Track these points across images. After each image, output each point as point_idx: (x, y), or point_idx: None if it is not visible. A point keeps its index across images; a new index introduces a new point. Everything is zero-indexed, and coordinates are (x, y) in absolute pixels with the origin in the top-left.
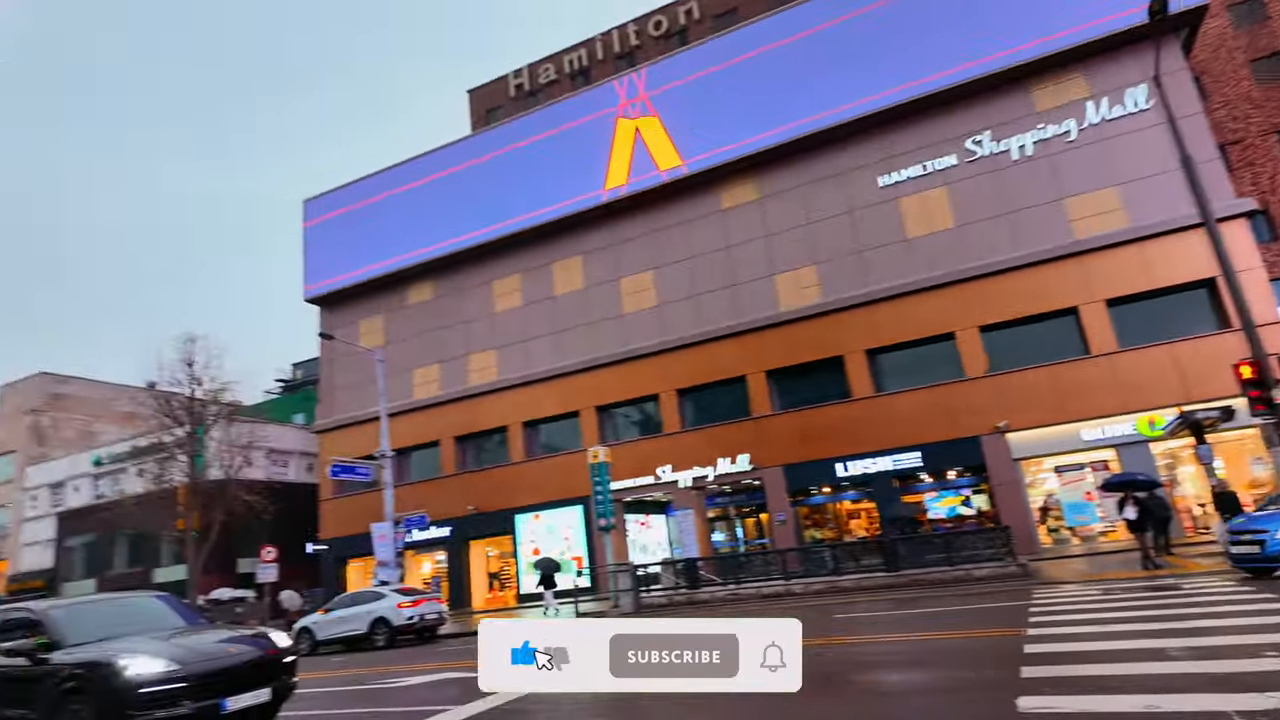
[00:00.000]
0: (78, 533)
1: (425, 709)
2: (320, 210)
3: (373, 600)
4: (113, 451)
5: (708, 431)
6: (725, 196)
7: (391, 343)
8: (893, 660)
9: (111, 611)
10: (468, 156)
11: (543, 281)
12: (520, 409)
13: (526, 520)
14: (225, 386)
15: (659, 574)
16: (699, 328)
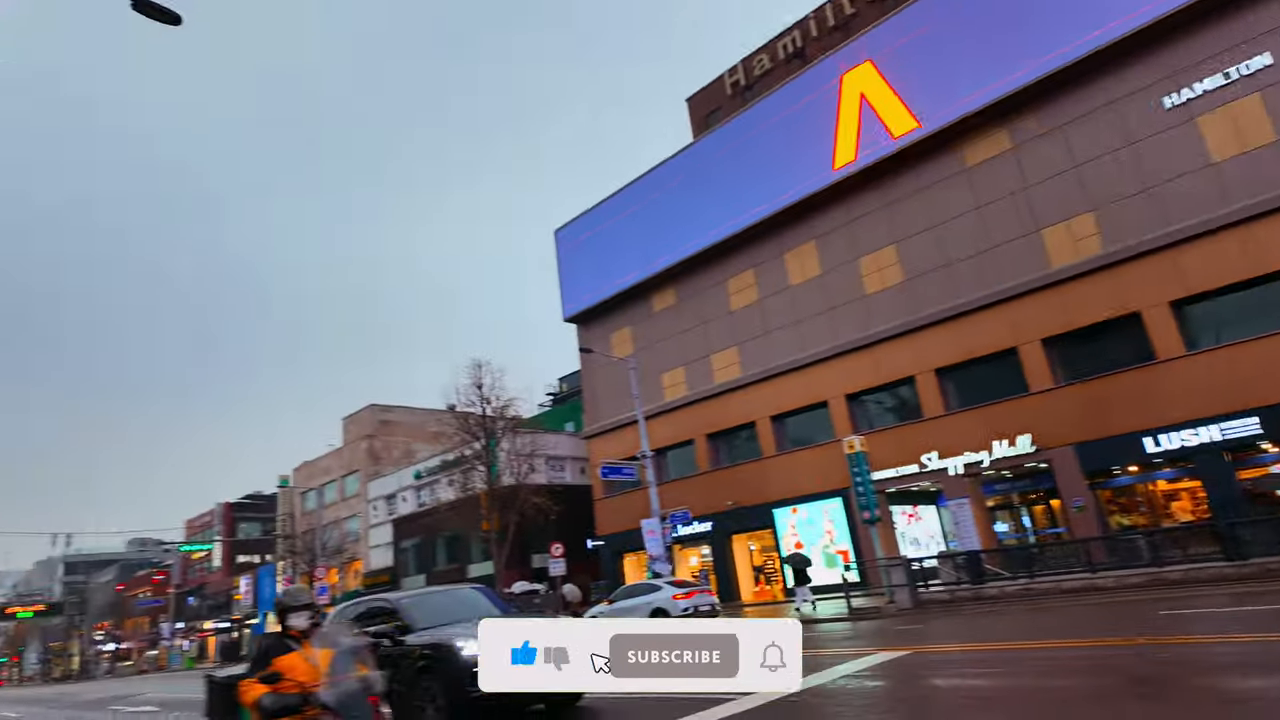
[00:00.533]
0: (408, 536)
1: (714, 695)
2: (568, 237)
3: (650, 592)
4: (428, 466)
5: (978, 412)
6: (969, 152)
7: (640, 350)
8: (1243, 664)
9: (444, 601)
10: (693, 163)
11: (777, 273)
12: (766, 403)
13: (785, 514)
14: (508, 403)
15: (936, 568)
16: (953, 300)
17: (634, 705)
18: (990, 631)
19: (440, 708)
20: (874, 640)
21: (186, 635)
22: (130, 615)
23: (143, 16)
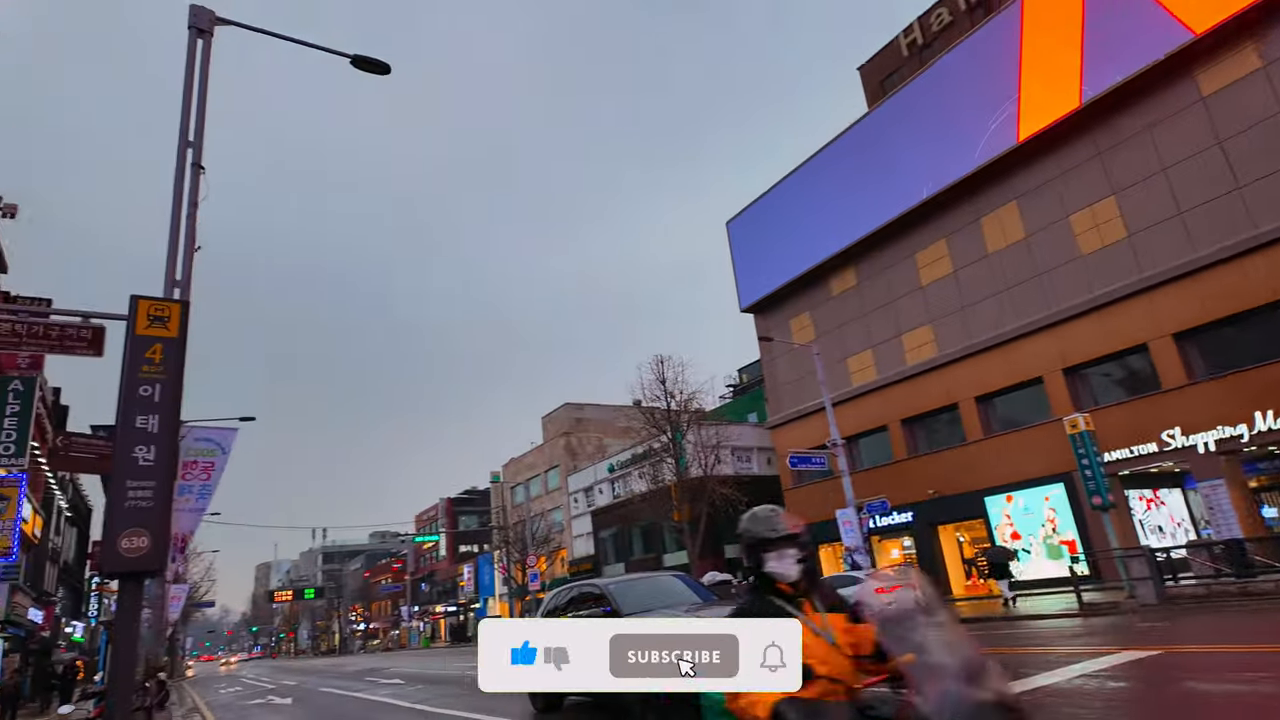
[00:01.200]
0: (606, 526)
1: None
2: (741, 227)
3: (849, 584)
4: (620, 460)
5: (1232, 379)
6: (1204, 79)
7: (822, 335)
8: None
9: (648, 587)
10: (869, 134)
11: (972, 241)
12: (968, 383)
13: (998, 502)
14: (691, 396)
15: (1186, 559)
16: (1192, 253)
17: None
18: (1260, 632)
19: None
20: (1113, 638)
21: (421, 617)
22: (375, 599)
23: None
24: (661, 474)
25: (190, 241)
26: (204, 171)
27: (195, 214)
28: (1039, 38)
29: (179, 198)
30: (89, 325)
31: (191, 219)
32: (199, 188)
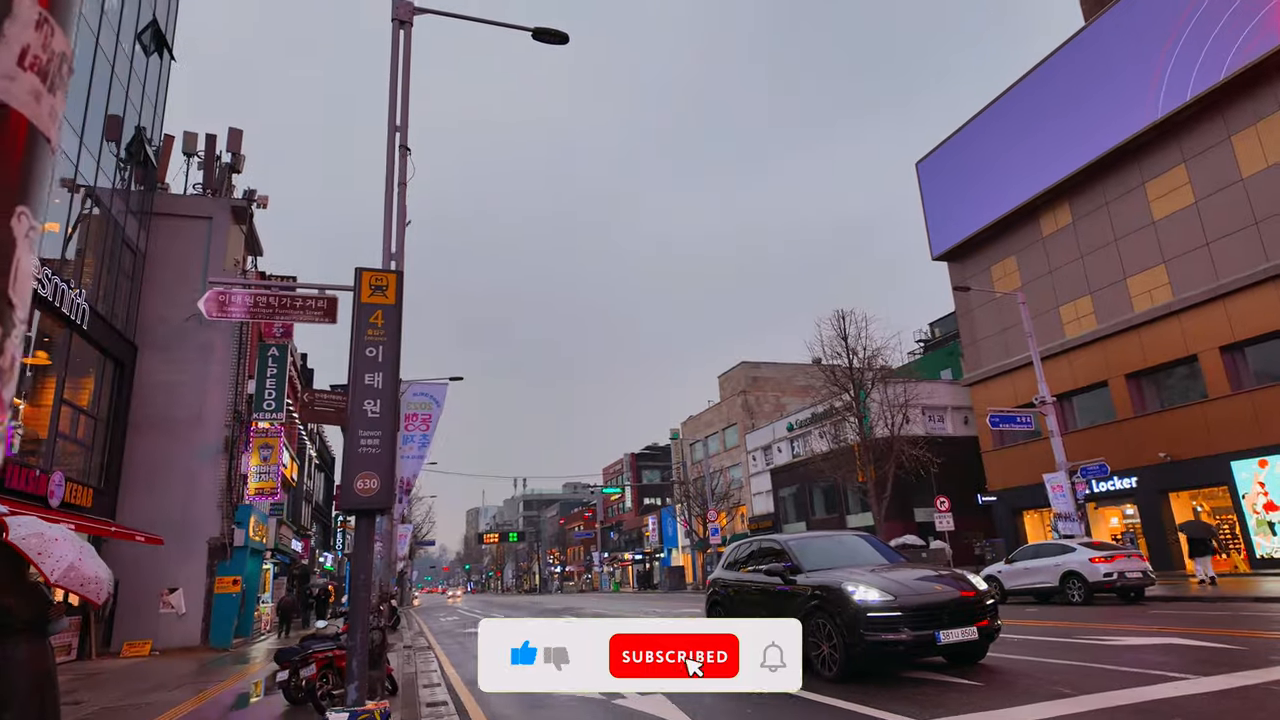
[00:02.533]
0: (785, 485)
1: (1158, 672)
2: (932, 168)
3: (1060, 554)
4: (799, 419)
5: None
6: None
7: (1028, 282)
8: None
9: (830, 546)
10: (1084, 53)
11: (1222, 161)
12: (1213, 331)
13: (1249, 466)
14: (876, 352)
15: None
16: None
17: (1056, 669)
18: None
19: (834, 647)
20: None
21: (611, 563)
22: (570, 544)
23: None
24: (844, 433)
25: (401, 217)
26: (410, 153)
27: (404, 192)
28: None
29: (390, 178)
30: (324, 296)
31: (401, 197)
32: (406, 168)
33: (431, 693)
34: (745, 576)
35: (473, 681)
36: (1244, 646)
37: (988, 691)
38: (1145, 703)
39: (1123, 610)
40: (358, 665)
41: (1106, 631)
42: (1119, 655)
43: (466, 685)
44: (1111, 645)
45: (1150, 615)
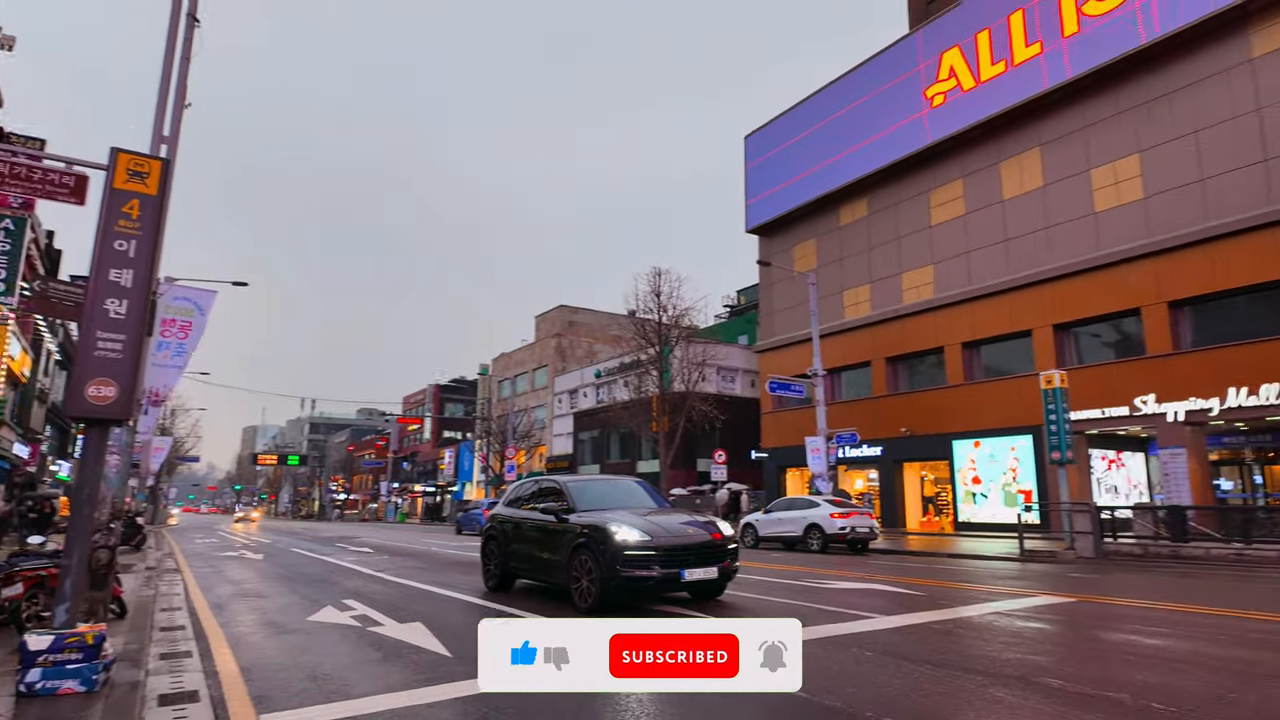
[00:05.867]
0: (586, 429)
1: (855, 612)
2: (758, 144)
3: (807, 507)
4: (608, 367)
5: (1213, 354)
6: (1258, 39)
7: (823, 265)
8: None
9: (607, 489)
10: (904, 59)
11: (989, 184)
12: (959, 328)
13: (965, 446)
14: (684, 312)
15: (1131, 520)
16: (1205, 221)
17: (778, 606)
18: (1181, 593)
19: (593, 580)
20: (1040, 583)
21: (400, 494)
22: (357, 472)
23: None
24: (646, 385)
25: (180, 97)
26: (199, 24)
27: (187, 69)
28: None
29: (171, 50)
30: (72, 172)
31: (183, 74)
32: (193, 41)
33: (170, 617)
34: (524, 513)
35: (220, 605)
36: (926, 593)
37: None
38: (838, 636)
39: (849, 559)
40: (71, 585)
41: (829, 576)
42: (832, 596)
43: (212, 610)
44: (829, 588)
45: (868, 564)
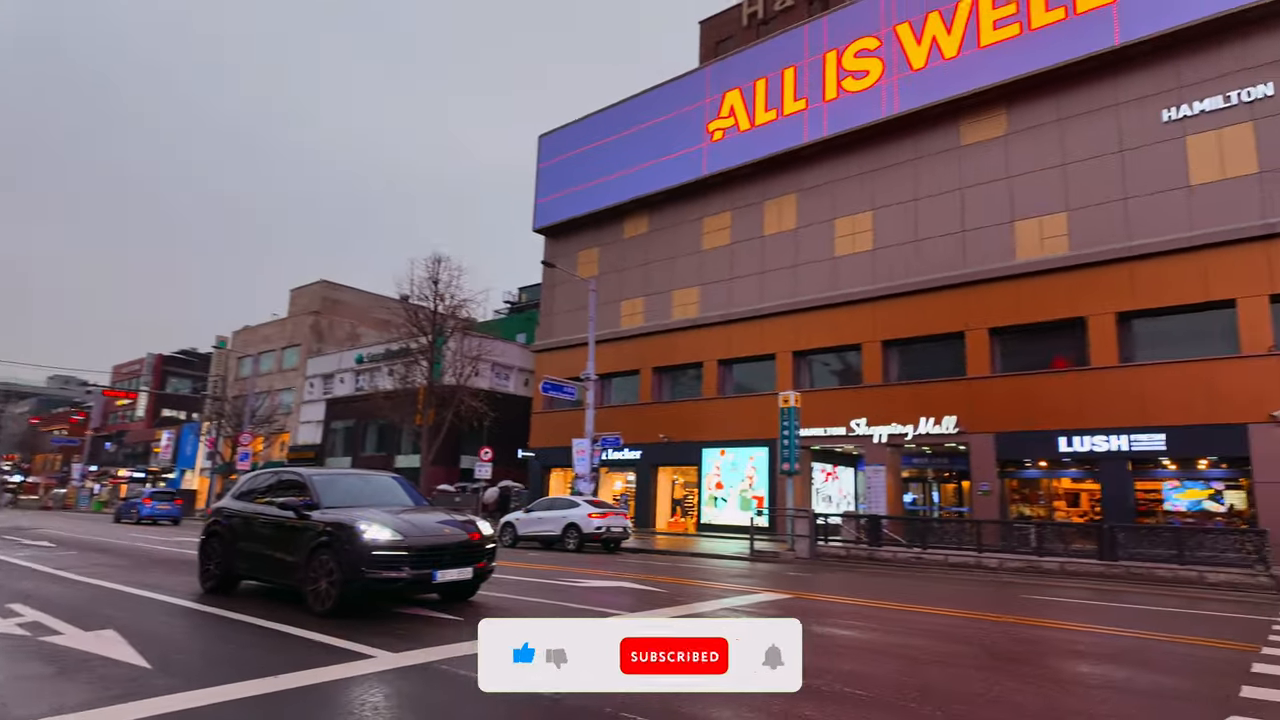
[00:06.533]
0: (341, 417)
1: (603, 609)
2: (553, 146)
3: (567, 507)
4: (371, 352)
5: (913, 388)
6: (967, 130)
7: (605, 273)
8: (1086, 650)
9: (358, 484)
10: (692, 91)
11: (753, 219)
12: (717, 347)
13: (713, 455)
14: (462, 303)
15: (840, 525)
16: (918, 275)
17: (532, 606)
18: (872, 590)
19: (334, 583)
20: (763, 582)
21: (99, 479)
22: (41, 450)
23: None
24: (414, 375)
25: None
26: None
27: None
28: (850, 50)
29: None
30: None
31: None
32: None
33: None
34: (258, 508)
35: None
36: (668, 591)
37: (464, 625)
38: None
39: (602, 558)
40: None
41: (582, 575)
42: (583, 595)
43: None
44: (581, 587)
45: (619, 563)
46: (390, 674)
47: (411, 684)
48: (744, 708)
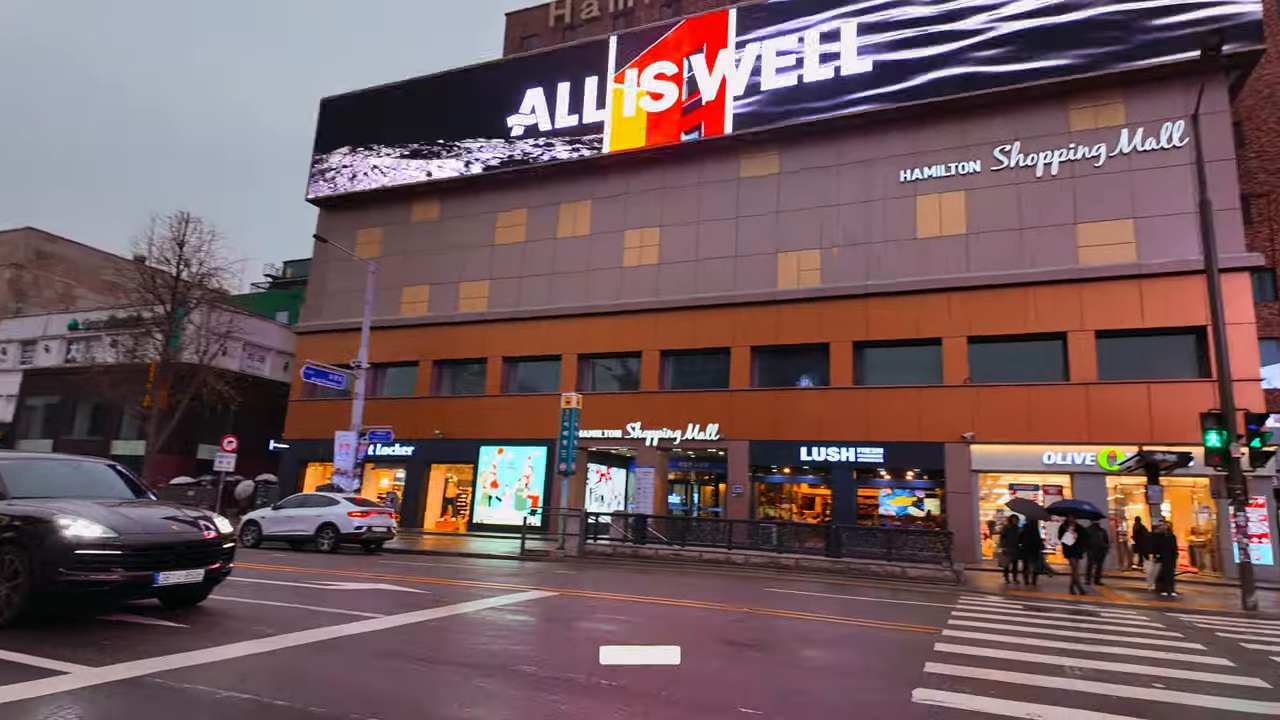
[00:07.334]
0: (42, 392)
1: (356, 613)
2: (337, 111)
3: (324, 505)
4: (90, 318)
5: (684, 396)
6: (746, 164)
7: (387, 256)
8: (811, 637)
9: (62, 472)
10: (492, 81)
11: (549, 220)
12: (504, 344)
13: (491, 453)
14: (213, 272)
15: (609, 524)
16: (696, 292)
17: (273, 611)
18: (633, 585)
19: (17, 588)
20: (532, 580)
21: None
22: None
23: None
24: (144, 349)
25: None
26: None
27: None
28: (650, 70)
29: None
30: None
31: None
32: None
33: None
34: None
35: None
36: (430, 592)
37: (189, 634)
38: (331, 639)
39: (361, 559)
40: None
41: (337, 577)
42: (336, 598)
43: None
44: (334, 589)
45: (379, 565)
46: (88, 692)
47: (115, 702)
48: (504, 705)
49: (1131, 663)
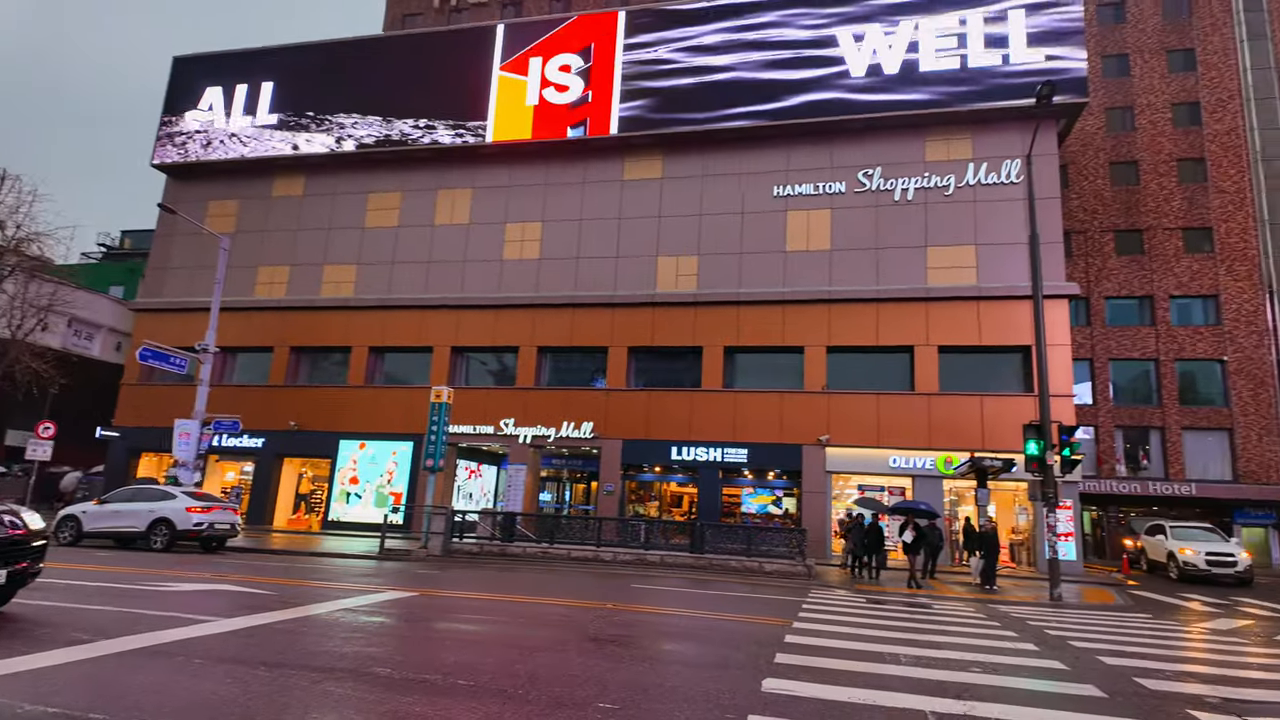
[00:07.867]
0: None
1: (192, 616)
2: (191, 72)
3: (159, 499)
4: None
5: (560, 394)
6: (630, 167)
7: (242, 232)
8: (671, 631)
9: None
10: (370, 53)
11: (425, 206)
12: (370, 333)
13: (351, 447)
14: (34, 237)
15: (476, 522)
16: (576, 290)
17: (87, 616)
18: (498, 584)
19: None
20: (391, 580)
21: None
22: None
23: None
24: None
25: None
26: None
27: None
28: (537, 65)
29: None
30: None
31: None
32: None
33: None
34: None
35: None
36: (278, 593)
37: None
38: (160, 645)
39: (199, 558)
40: None
41: (171, 578)
42: (165, 601)
43: None
44: (164, 591)
45: (221, 564)
46: None
47: None
48: (354, 709)
49: (956, 650)
